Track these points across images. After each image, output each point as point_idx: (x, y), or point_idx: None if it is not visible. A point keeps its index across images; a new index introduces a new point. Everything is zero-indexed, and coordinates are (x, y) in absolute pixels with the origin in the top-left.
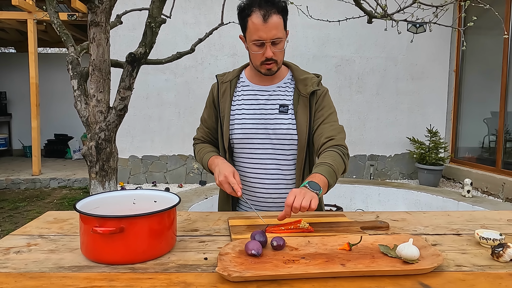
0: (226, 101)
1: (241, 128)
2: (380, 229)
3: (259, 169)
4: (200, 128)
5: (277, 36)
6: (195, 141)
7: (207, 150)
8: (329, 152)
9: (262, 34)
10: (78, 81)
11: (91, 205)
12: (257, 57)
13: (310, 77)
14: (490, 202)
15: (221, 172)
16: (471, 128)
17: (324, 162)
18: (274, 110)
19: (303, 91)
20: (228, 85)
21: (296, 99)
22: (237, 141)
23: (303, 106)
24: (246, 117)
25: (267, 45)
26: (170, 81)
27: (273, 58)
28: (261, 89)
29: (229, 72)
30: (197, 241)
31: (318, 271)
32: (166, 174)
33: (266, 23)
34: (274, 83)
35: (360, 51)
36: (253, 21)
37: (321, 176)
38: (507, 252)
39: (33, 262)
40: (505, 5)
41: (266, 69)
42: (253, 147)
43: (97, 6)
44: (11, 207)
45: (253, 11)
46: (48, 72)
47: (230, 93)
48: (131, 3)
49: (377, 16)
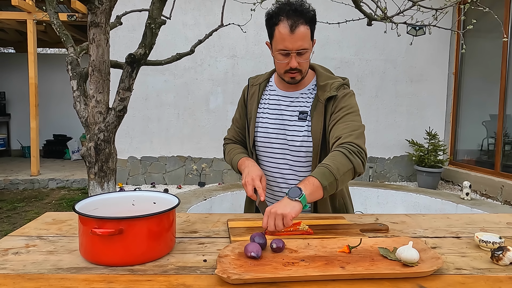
0: (254, 103)
1: (263, 132)
2: (379, 232)
3: (277, 173)
4: (231, 128)
5: (303, 47)
6: (226, 141)
7: (237, 151)
8: (331, 152)
9: (288, 44)
10: (78, 82)
11: (90, 206)
12: (281, 65)
13: (330, 83)
14: (489, 204)
15: (249, 173)
16: (470, 130)
17: (321, 164)
18: (294, 117)
19: (321, 97)
20: (257, 88)
21: (314, 105)
22: (259, 143)
23: (319, 112)
24: (268, 122)
25: (293, 55)
26: (170, 82)
27: (298, 68)
28: (285, 95)
29: (262, 74)
30: (196, 243)
31: (317, 273)
32: (165, 175)
33: (293, 33)
34: (298, 90)
35: (360, 53)
36: (280, 31)
37: (313, 179)
38: (507, 255)
39: (32, 264)
40: (504, 8)
41: (290, 78)
42: (272, 151)
43: (97, 7)
44: (10, 207)
45: (281, 20)
46: (47, 72)
47: (258, 96)
48: (131, 4)
49: (377, 18)
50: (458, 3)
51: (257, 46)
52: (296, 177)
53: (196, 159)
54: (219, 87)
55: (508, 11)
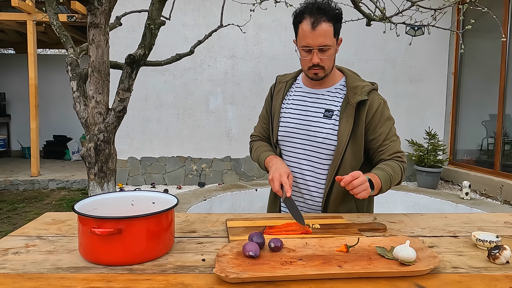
0: (278, 100)
1: (286, 126)
2: (377, 231)
3: (296, 167)
4: (258, 125)
5: (325, 43)
6: (253, 137)
7: (265, 149)
8: (392, 162)
9: (309, 40)
10: (77, 83)
11: (90, 206)
12: (304, 62)
13: (361, 86)
14: (488, 204)
15: (277, 170)
16: (470, 130)
17: (385, 169)
18: (319, 114)
19: (352, 99)
20: (284, 85)
21: (344, 107)
22: (281, 138)
23: (349, 114)
24: (291, 117)
25: (314, 51)
26: (169, 83)
27: (320, 64)
28: (311, 91)
29: (289, 73)
30: (195, 243)
31: (315, 272)
32: (165, 176)
33: (314, 30)
34: (324, 88)
35: (359, 54)
36: (302, 28)
37: (378, 180)
38: (503, 254)
39: (31, 263)
40: (503, 8)
41: (313, 74)
42: (293, 146)
43: (96, 8)
44: (10, 208)
45: (304, 18)
46: (47, 73)
47: (284, 93)
48: (130, 5)
49: (376, 19)
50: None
51: (256, 47)
52: (314, 173)
53: (196, 160)
54: (218, 88)
55: (507, 11)
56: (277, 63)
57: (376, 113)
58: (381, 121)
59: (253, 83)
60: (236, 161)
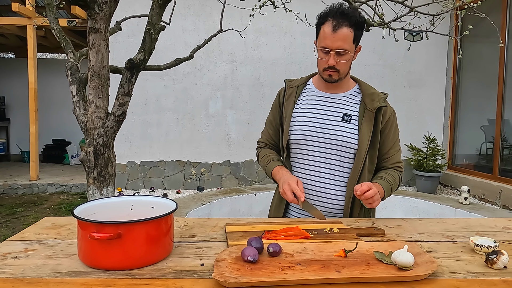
0: (290, 104)
1: (300, 129)
2: (376, 236)
3: (313, 171)
4: (265, 131)
5: (343, 47)
6: (260, 144)
7: (272, 158)
8: (393, 171)
9: (328, 42)
10: (77, 87)
11: (89, 211)
12: (321, 62)
13: (377, 93)
14: (487, 209)
15: (285, 182)
16: (468, 135)
17: (387, 179)
18: (337, 118)
19: (370, 105)
20: (294, 90)
21: (361, 112)
22: (294, 141)
23: (368, 120)
24: (307, 120)
25: (332, 53)
26: (169, 87)
27: (336, 67)
28: (327, 96)
29: (297, 78)
30: (194, 247)
31: (313, 277)
32: (164, 180)
33: (335, 33)
34: (340, 92)
35: (358, 58)
36: (324, 29)
37: (382, 190)
38: (501, 259)
39: (31, 268)
40: (501, 14)
41: (327, 75)
42: (310, 149)
43: (96, 13)
44: (8, 212)
45: (327, 20)
46: (47, 77)
47: (295, 97)
48: (130, 10)
49: (374, 24)
50: (455, 9)
51: (256, 51)
52: (333, 177)
53: (195, 164)
54: (218, 92)
55: (505, 17)
56: (277, 68)
57: (388, 121)
58: (391, 130)
59: (252, 87)
60: (236, 165)
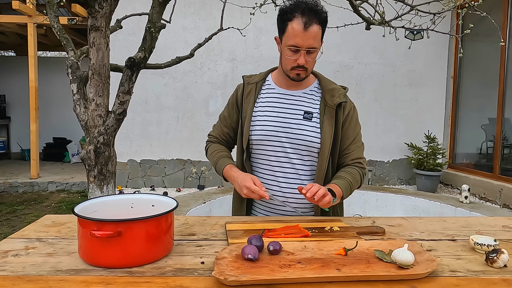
0: (250, 102)
1: (262, 129)
2: (376, 235)
3: (277, 171)
4: (218, 126)
5: (313, 46)
6: (210, 138)
7: (222, 155)
8: (352, 169)
9: (299, 41)
10: (78, 85)
11: (89, 209)
12: (289, 62)
13: (337, 88)
14: (488, 208)
15: (241, 184)
16: (469, 134)
17: (344, 177)
18: (298, 116)
19: (330, 101)
20: (253, 87)
21: (322, 109)
22: (256, 142)
23: (329, 117)
24: (268, 119)
25: (302, 52)
26: (169, 86)
27: (305, 66)
28: (287, 93)
29: (256, 74)
30: (194, 245)
31: (313, 275)
32: (164, 178)
33: (306, 31)
34: (300, 89)
35: (359, 57)
36: (293, 27)
37: (339, 189)
38: (501, 257)
39: (31, 265)
40: (502, 12)
41: (295, 75)
42: (272, 149)
43: (97, 11)
44: (9, 210)
45: (296, 16)
46: (47, 75)
47: (255, 95)
48: (131, 8)
49: (375, 23)
50: (456, 7)
51: (256, 50)
52: (297, 176)
53: (195, 162)
54: (218, 91)
55: (506, 15)
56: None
57: (347, 116)
58: (351, 124)
59: None
60: None
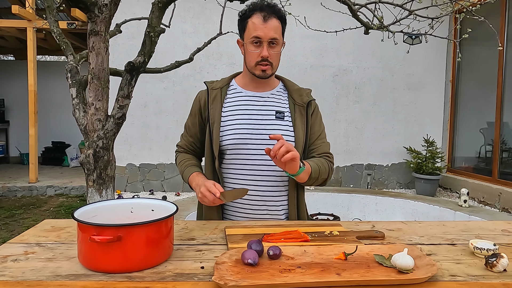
0: (217, 108)
1: (234, 133)
2: (375, 239)
3: (254, 175)
4: (184, 135)
5: (275, 37)
6: (178, 148)
7: (189, 164)
8: (323, 160)
9: (260, 32)
10: (77, 89)
11: (89, 213)
12: (253, 56)
13: (303, 89)
14: (487, 212)
15: (199, 186)
16: (468, 138)
17: (315, 161)
18: (271, 116)
19: (299, 100)
20: (218, 92)
21: (292, 108)
22: (229, 146)
23: (300, 115)
24: (240, 122)
25: (265, 44)
26: (169, 90)
27: (269, 60)
28: (255, 94)
29: (217, 80)
30: (194, 250)
31: (313, 280)
32: (163, 182)
33: (266, 23)
34: (267, 90)
35: (357, 61)
36: (253, 21)
37: (309, 166)
38: (501, 262)
39: (31, 271)
40: (499, 17)
41: (261, 70)
42: (248, 152)
43: (97, 16)
44: (7, 214)
45: (254, 13)
46: (46, 80)
47: (221, 100)
48: (130, 12)
49: (374, 27)
50: (454, 12)
51: None
52: (274, 178)
53: None
54: None
55: (504, 20)
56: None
57: (313, 113)
58: (316, 121)
59: None
60: None
